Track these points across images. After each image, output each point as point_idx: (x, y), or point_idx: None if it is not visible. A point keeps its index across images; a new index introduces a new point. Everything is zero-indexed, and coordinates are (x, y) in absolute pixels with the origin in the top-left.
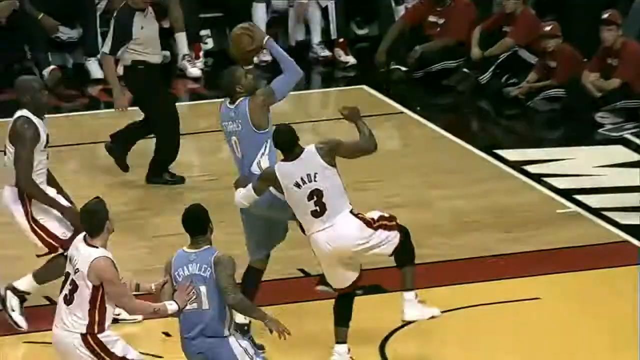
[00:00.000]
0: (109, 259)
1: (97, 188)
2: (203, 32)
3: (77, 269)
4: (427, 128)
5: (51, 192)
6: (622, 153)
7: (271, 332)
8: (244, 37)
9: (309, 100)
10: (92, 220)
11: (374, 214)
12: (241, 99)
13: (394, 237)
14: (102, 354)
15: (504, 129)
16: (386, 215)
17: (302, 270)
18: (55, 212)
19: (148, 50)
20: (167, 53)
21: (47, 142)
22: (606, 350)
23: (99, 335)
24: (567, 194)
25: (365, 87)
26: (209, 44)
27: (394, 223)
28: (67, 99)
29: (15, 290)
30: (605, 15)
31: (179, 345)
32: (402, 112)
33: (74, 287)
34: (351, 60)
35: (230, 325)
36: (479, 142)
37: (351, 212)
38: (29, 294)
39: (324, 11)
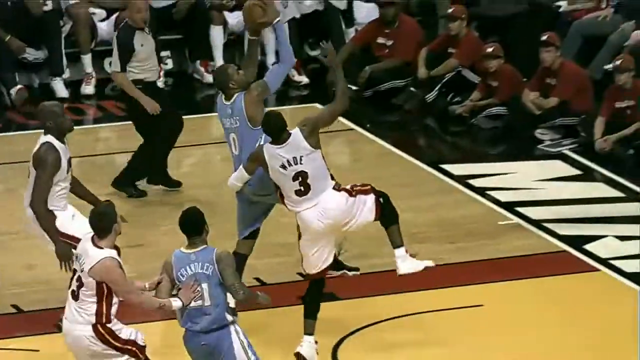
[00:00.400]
0: (114, 259)
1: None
2: (163, 53)
3: (84, 267)
4: (376, 144)
5: (69, 211)
6: (560, 167)
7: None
8: (256, 8)
9: None
10: (100, 222)
11: (348, 186)
12: (236, 94)
13: (371, 199)
14: (111, 340)
15: (449, 145)
16: (359, 184)
17: (258, 279)
18: (77, 216)
19: (147, 66)
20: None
21: (70, 165)
22: (545, 354)
23: (107, 325)
24: (509, 206)
25: (317, 105)
26: (169, 64)
27: (368, 187)
28: (33, 116)
29: None
30: (544, 37)
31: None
32: (352, 129)
33: (81, 284)
34: (304, 79)
35: (229, 311)
36: (426, 157)
37: (333, 188)
38: None
39: None
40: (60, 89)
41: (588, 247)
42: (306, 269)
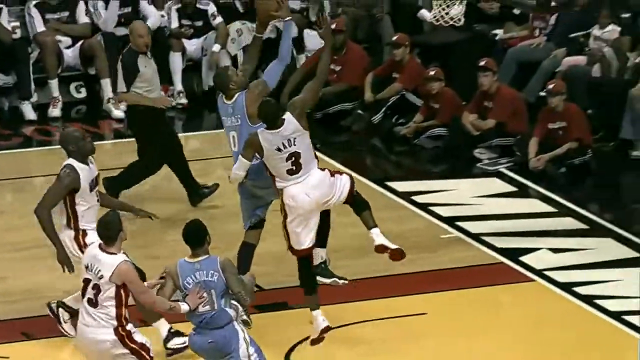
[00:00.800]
0: (128, 261)
1: (30, 217)
2: None
3: (102, 275)
4: (326, 163)
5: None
6: (497, 185)
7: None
8: (272, 1)
9: (220, 138)
10: (108, 230)
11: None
12: (238, 94)
13: (347, 181)
14: (129, 343)
15: (394, 164)
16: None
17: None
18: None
19: (150, 88)
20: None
21: (97, 183)
22: (485, 358)
23: (126, 327)
24: (450, 220)
25: None
26: None
27: (340, 171)
28: (3, 138)
29: (65, 306)
30: (482, 63)
31: None
32: None
33: (98, 291)
34: None
35: (232, 309)
36: (373, 175)
37: (317, 167)
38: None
39: (234, 59)
40: (28, 111)
41: (523, 259)
42: (294, 246)
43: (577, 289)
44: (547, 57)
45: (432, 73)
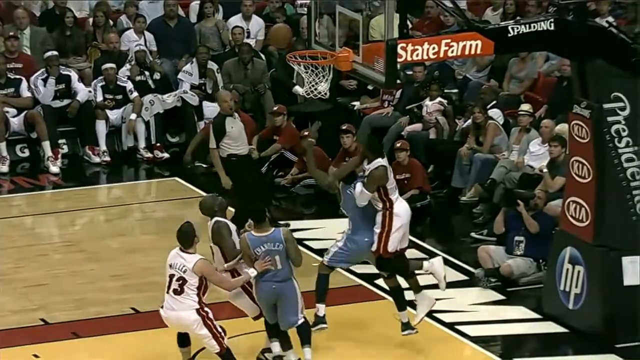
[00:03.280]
0: (205, 259)
1: None
2: (60, 141)
3: (186, 269)
4: None
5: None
6: None
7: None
8: (288, 32)
9: (137, 188)
10: (185, 238)
11: None
12: None
13: None
14: (207, 320)
15: (276, 207)
16: None
17: (133, 309)
18: None
19: (237, 144)
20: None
21: None
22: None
23: (205, 309)
24: (319, 252)
25: (177, 178)
26: (65, 149)
27: None
28: None
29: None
30: (344, 127)
31: None
32: (203, 196)
33: (183, 282)
34: (165, 155)
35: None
36: None
37: None
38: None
39: (147, 125)
40: None
41: (378, 281)
42: (389, 249)
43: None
44: (394, 123)
45: (306, 134)
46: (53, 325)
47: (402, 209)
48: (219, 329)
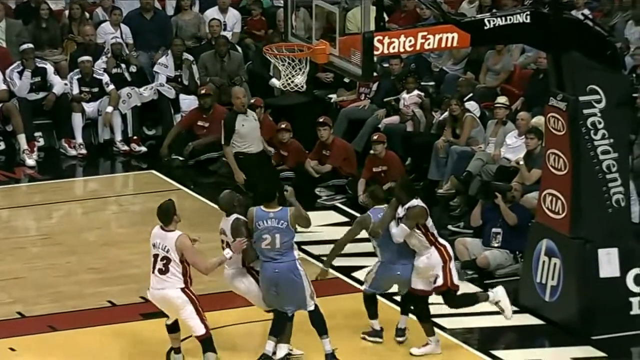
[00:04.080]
0: (185, 235)
1: None
2: (36, 134)
3: (168, 248)
4: (198, 200)
5: None
6: (334, 216)
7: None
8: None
9: (113, 181)
10: (164, 215)
11: None
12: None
13: None
14: (193, 297)
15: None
16: None
17: (110, 302)
18: None
19: (247, 142)
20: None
21: None
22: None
23: (190, 287)
24: (298, 245)
25: (154, 171)
26: (41, 142)
27: None
28: None
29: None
30: (320, 119)
31: None
32: (180, 189)
33: (168, 261)
34: (143, 149)
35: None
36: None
37: None
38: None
39: (124, 117)
40: None
41: (355, 274)
42: (455, 281)
43: (397, 298)
44: (370, 115)
45: (282, 126)
46: (30, 319)
47: (447, 243)
48: (203, 314)
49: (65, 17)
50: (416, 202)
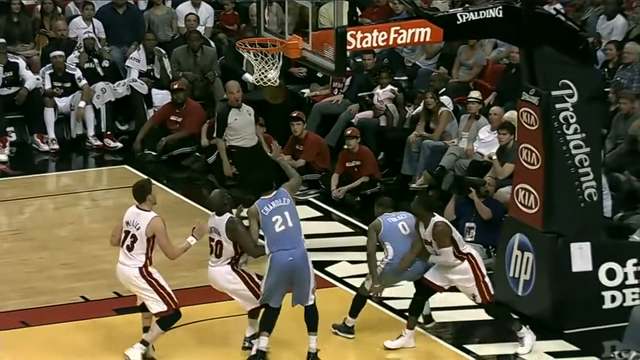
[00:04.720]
0: (159, 217)
1: None
2: (8, 129)
3: (139, 226)
4: (171, 195)
5: None
6: (307, 210)
7: None
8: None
9: (86, 176)
10: (138, 193)
11: None
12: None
13: None
14: (152, 280)
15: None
16: None
17: (83, 297)
18: None
19: (239, 136)
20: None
21: None
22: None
23: (149, 268)
24: None
25: (126, 166)
26: (13, 137)
27: None
28: None
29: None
30: (294, 114)
31: None
32: (153, 184)
33: (135, 239)
34: (119, 145)
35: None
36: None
37: None
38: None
39: (97, 112)
40: None
41: (328, 269)
42: (492, 292)
43: (389, 302)
44: (344, 110)
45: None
46: (1, 314)
47: (477, 253)
48: (168, 291)
49: (37, 11)
50: (435, 219)
